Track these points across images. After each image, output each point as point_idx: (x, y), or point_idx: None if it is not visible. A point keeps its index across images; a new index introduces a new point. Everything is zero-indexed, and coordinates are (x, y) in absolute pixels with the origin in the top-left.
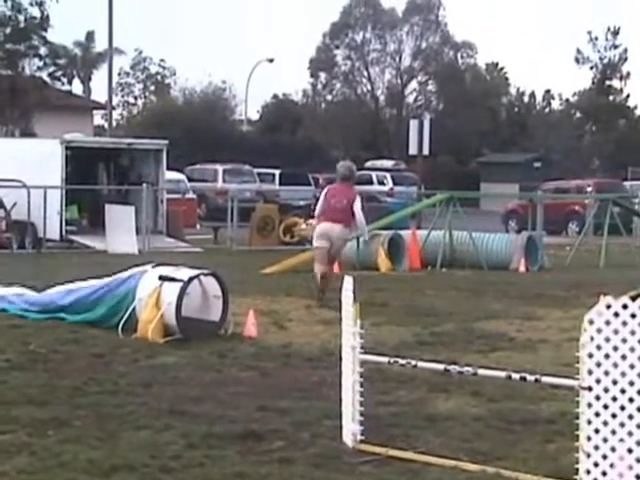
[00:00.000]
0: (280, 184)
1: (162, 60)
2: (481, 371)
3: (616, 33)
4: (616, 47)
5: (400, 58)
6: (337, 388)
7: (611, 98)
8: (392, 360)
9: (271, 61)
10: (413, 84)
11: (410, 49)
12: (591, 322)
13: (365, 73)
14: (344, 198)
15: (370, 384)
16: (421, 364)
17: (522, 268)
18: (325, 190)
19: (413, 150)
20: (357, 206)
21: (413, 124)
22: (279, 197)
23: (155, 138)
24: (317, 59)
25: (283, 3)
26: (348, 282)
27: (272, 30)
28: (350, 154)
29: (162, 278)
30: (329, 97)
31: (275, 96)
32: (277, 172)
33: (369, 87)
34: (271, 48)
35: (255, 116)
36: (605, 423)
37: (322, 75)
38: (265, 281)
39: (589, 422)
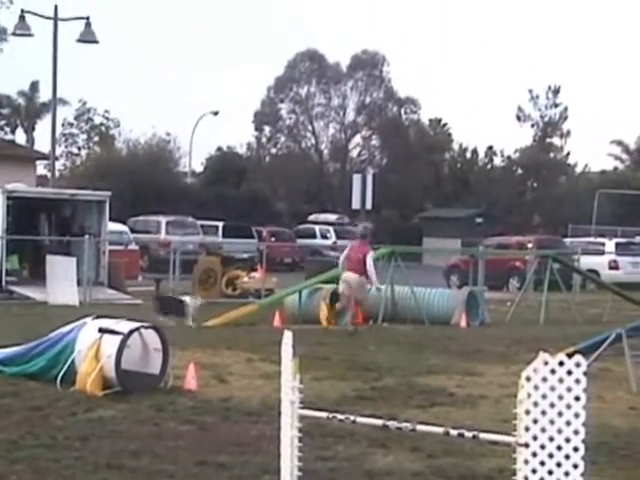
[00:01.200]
0: (223, 236)
1: (106, 111)
2: (420, 427)
3: (557, 92)
4: (557, 105)
5: (344, 113)
6: (276, 443)
7: (552, 155)
8: (331, 415)
9: (216, 114)
10: (357, 138)
11: (354, 104)
12: (528, 379)
13: (309, 127)
14: (360, 253)
15: (309, 439)
16: (360, 419)
17: (463, 323)
18: (349, 246)
19: (356, 204)
20: (368, 259)
21: (356, 178)
22: (222, 249)
23: (98, 189)
24: (261, 112)
25: (228, 56)
26: (287, 336)
27: (217, 83)
28: (294, 207)
29: (102, 330)
30: (273, 150)
31: (219, 148)
32: (220, 224)
33: (313, 141)
34: (216, 101)
35: (199, 168)
36: None
37: (266, 128)
38: (206, 334)
39: (526, 479)
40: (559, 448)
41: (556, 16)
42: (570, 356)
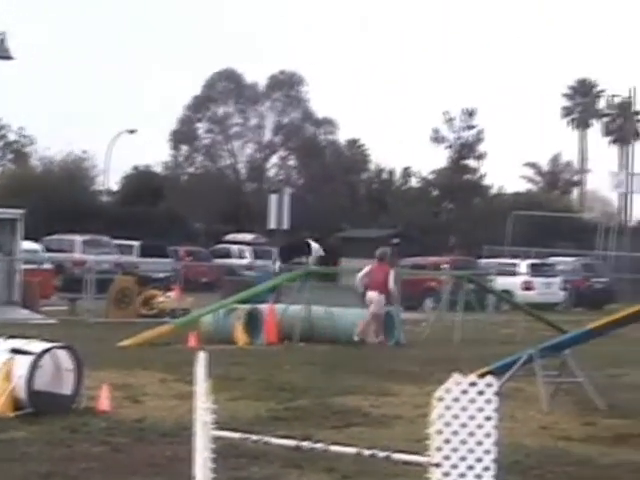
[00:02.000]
0: (140, 256)
1: (21, 128)
2: (333, 447)
3: (472, 114)
4: (472, 128)
5: (262, 132)
6: (190, 464)
7: (467, 177)
8: (244, 436)
9: (132, 132)
10: (274, 158)
11: (272, 124)
12: (440, 399)
13: (226, 146)
14: (381, 273)
15: (223, 460)
16: (273, 440)
17: (378, 343)
18: (368, 267)
19: (273, 224)
20: (390, 278)
21: (273, 198)
22: (138, 269)
23: (11, 207)
24: (179, 131)
25: (146, 74)
26: (201, 357)
27: (134, 101)
28: (211, 227)
29: (14, 351)
30: (191, 169)
31: (136, 167)
32: (137, 244)
33: (230, 160)
34: (133, 119)
35: (116, 187)
36: None
37: (184, 147)
38: (121, 354)
39: None
40: (471, 468)
41: (470, 39)
42: (482, 376)
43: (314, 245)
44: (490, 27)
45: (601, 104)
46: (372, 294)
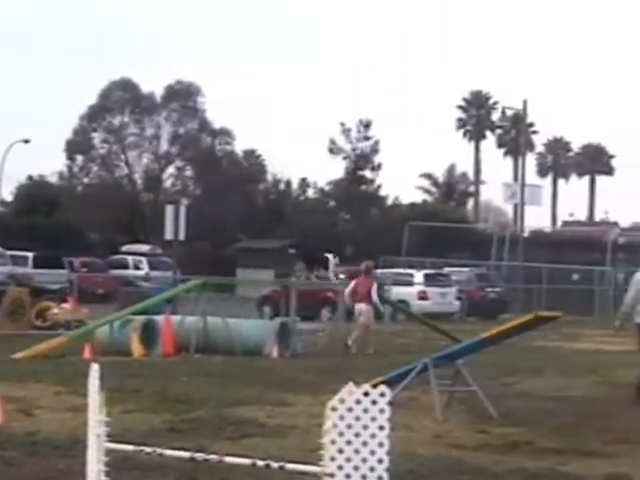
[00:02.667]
0: (34, 267)
1: None
2: (227, 458)
3: (368, 125)
4: (368, 139)
5: (158, 143)
6: (84, 477)
7: (363, 187)
8: (138, 448)
9: (26, 142)
10: (171, 169)
11: (168, 134)
12: (334, 409)
13: (122, 157)
14: (365, 286)
15: (117, 473)
16: (167, 452)
17: (275, 354)
18: (355, 281)
19: (169, 235)
20: (373, 290)
21: (169, 209)
22: (32, 280)
23: None
24: (74, 141)
25: (40, 84)
26: (94, 369)
27: (29, 110)
28: (106, 238)
29: None
30: (86, 180)
31: (30, 177)
32: (31, 255)
33: (127, 171)
34: (27, 129)
35: (10, 197)
36: None
37: (79, 157)
38: (14, 367)
39: None
40: (364, 477)
41: (366, 51)
42: (376, 386)
43: (331, 258)
44: (385, 38)
45: (495, 116)
46: (361, 306)
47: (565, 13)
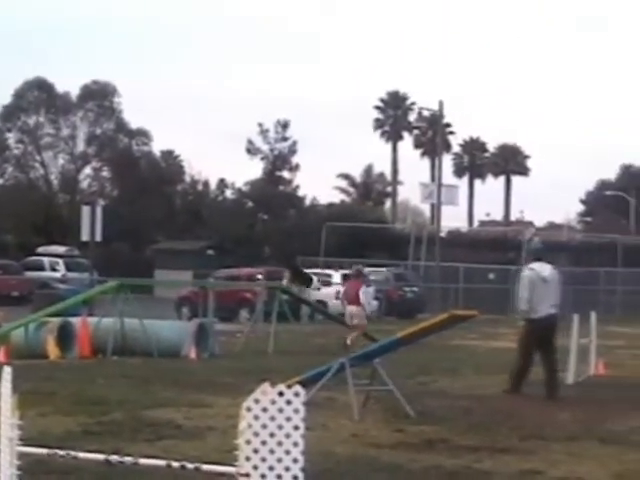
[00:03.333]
0: None
1: None
2: (142, 460)
3: (286, 126)
4: (286, 139)
5: (74, 143)
6: None
7: (281, 188)
8: (52, 451)
9: None
10: (87, 170)
11: (84, 134)
12: (249, 409)
13: (38, 157)
14: (355, 289)
15: (32, 476)
16: (81, 454)
17: (193, 355)
18: (346, 285)
19: (85, 236)
20: (361, 293)
21: (85, 210)
22: None
23: None
24: None
25: None
26: (6, 372)
27: None
28: (22, 239)
29: None
30: (0, 181)
31: None
32: None
33: (42, 171)
34: None
35: None
36: None
37: None
38: None
39: None
40: (279, 477)
41: (284, 53)
42: (291, 386)
43: (315, 280)
44: (301, 38)
45: (412, 117)
46: (351, 308)
47: (478, 14)
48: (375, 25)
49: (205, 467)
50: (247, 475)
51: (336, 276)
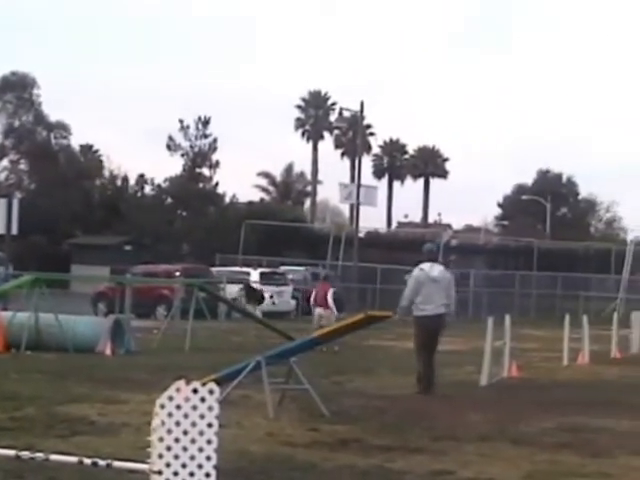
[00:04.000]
0: None
1: None
2: (53, 456)
3: (206, 123)
4: (206, 136)
5: None
6: None
7: (201, 185)
8: None
9: None
10: (5, 162)
11: (2, 126)
12: (162, 406)
13: None
14: (323, 291)
15: None
16: None
17: (108, 351)
18: (317, 287)
19: (1, 229)
20: (329, 295)
21: (2, 203)
22: None
23: None
24: None
25: None
26: None
27: None
28: None
29: None
30: None
31: None
32: None
33: None
34: None
35: None
36: None
37: None
38: None
39: None
40: (192, 474)
41: (202, 48)
42: (206, 384)
43: (267, 297)
44: (223, 35)
45: (333, 117)
46: (320, 310)
47: (399, 15)
48: (298, 24)
49: (117, 464)
50: (159, 472)
51: (254, 274)
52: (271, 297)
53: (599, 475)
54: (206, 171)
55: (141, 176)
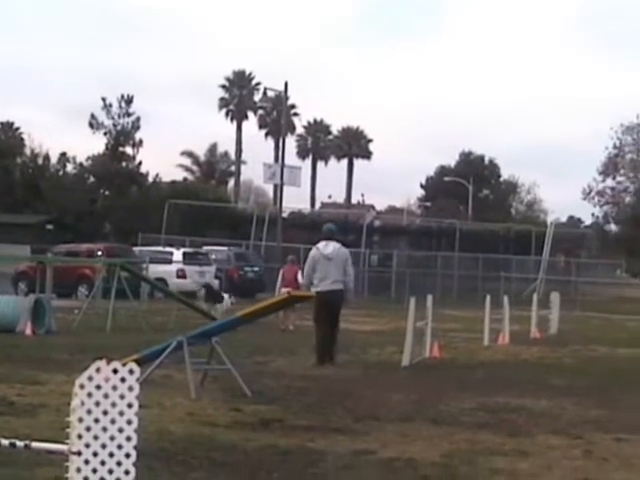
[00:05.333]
0: None
1: None
2: None
3: (130, 101)
4: (129, 115)
5: None
6: None
7: (124, 164)
8: None
9: None
10: None
11: None
12: (82, 386)
13: None
14: (291, 273)
15: None
16: None
17: (28, 331)
18: (282, 270)
19: None
20: (299, 276)
21: None
22: None
23: None
24: None
25: None
26: None
27: None
28: None
29: None
30: None
31: None
32: None
33: None
34: None
35: None
36: None
37: None
38: None
39: None
40: (111, 455)
41: (127, 27)
42: (126, 364)
43: (226, 298)
44: (152, 15)
45: (257, 97)
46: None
47: None
48: (223, 3)
49: (35, 445)
50: (79, 453)
51: (177, 254)
52: (230, 297)
53: (517, 453)
54: (129, 150)
55: (63, 154)
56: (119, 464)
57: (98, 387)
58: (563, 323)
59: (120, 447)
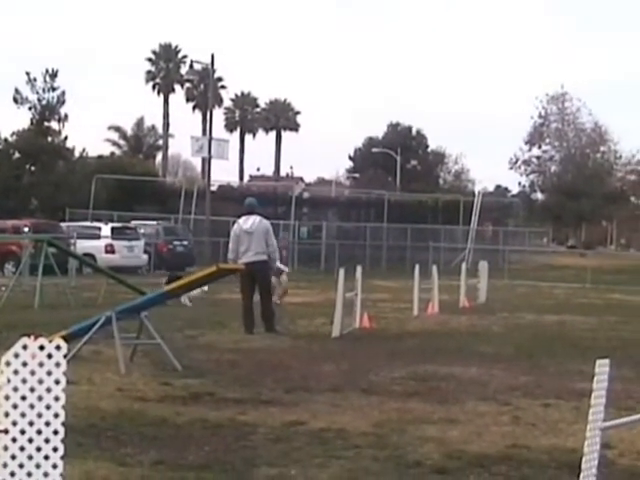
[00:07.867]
0: None
1: None
2: None
3: (54, 75)
4: (54, 89)
5: None
6: None
7: (50, 139)
8: None
9: None
10: None
11: None
12: (8, 363)
13: None
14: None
15: None
16: None
17: None
18: None
19: None
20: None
21: None
22: None
23: None
24: None
25: None
26: None
27: None
28: None
29: None
30: None
31: None
32: None
33: None
34: None
35: None
36: (21, 465)
37: None
38: None
39: (5, 465)
40: (39, 432)
41: (53, 3)
42: (53, 340)
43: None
44: None
45: (184, 70)
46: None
47: None
48: None
49: None
50: (6, 432)
51: (105, 229)
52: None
53: (447, 421)
54: (55, 125)
55: None
56: (47, 441)
57: (24, 364)
58: (491, 292)
59: (48, 424)
